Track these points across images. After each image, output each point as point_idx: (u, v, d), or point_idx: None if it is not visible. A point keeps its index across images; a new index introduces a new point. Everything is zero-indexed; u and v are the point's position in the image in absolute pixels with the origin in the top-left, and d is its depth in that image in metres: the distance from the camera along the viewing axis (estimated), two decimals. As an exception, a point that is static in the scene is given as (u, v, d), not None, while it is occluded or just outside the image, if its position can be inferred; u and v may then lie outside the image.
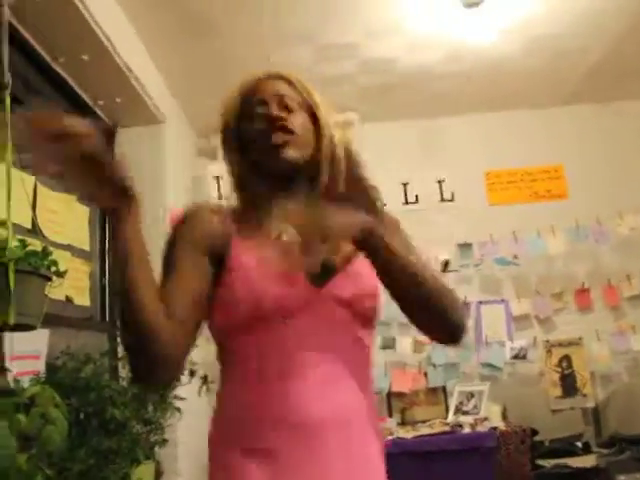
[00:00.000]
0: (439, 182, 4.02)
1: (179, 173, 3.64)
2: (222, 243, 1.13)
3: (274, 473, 1.04)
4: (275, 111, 1.20)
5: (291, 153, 1.17)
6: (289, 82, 1.29)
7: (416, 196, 4.08)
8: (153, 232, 3.53)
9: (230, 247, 1.12)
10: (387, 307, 1.19)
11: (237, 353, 1.14)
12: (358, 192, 1.01)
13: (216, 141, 4.43)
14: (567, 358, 3.88)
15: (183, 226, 1.19)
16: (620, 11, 3.16)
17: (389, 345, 3.88)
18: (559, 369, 3.88)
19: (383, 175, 1.54)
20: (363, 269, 1.09)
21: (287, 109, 1.22)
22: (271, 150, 1.17)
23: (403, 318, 1.11)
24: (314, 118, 1.24)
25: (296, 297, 1.07)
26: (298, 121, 1.21)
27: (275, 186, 1.20)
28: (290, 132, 1.18)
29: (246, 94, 1.28)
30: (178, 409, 2.57)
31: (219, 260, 1.12)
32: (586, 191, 4.11)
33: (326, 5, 2.94)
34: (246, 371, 1.12)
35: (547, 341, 3.94)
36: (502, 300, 3.99)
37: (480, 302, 3.97)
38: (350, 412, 1.10)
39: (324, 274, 1.04)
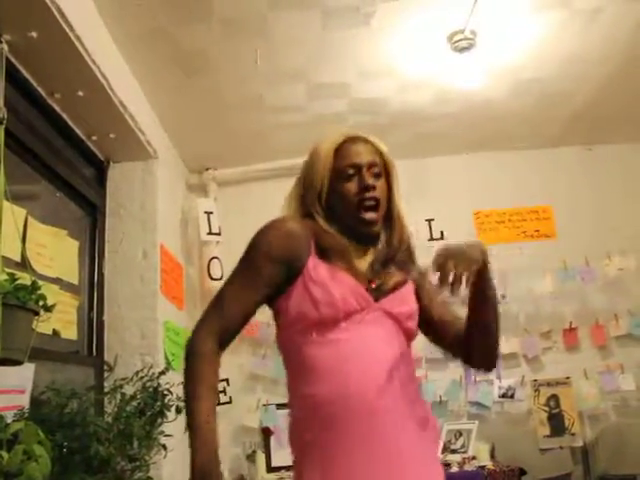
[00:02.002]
0: (428, 221, 4.06)
1: (170, 208, 3.66)
2: (300, 258, 1.37)
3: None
4: (369, 179, 1.43)
5: (376, 228, 1.44)
6: (376, 149, 1.49)
7: (405, 234, 4.09)
8: (144, 265, 3.53)
9: (309, 261, 1.37)
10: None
11: (308, 346, 1.34)
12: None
13: (207, 177, 4.42)
14: (555, 397, 3.88)
15: (278, 238, 1.41)
16: (604, 59, 3.24)
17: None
18: (547, 408, 3.87)
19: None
20: (408, 296, 1.44)
21: (375, 176, 1.44)
22: (360, 221, 1.41)
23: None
24: (388, 184, 1.48)
25: (360, 304, 1.34)
26: (382, 189, 1.45)
27: (350, 234, 1.43)
28: (378, 206, 1.43)
29: (339, 152, 1.47)
30: (164, 446, 2.54)
31: (295, 269, 1.36)
32: (574, 232, 4.16)
33: (319, 45, 3.00)
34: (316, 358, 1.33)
35: (535, 380, 3.94)
36: (490, 339, 3.99)
37: (468, 340, 3.97)
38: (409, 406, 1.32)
39: (380, 291, 1.39)
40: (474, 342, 1.44)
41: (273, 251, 1.38)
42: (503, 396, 3.93)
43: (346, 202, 1.42)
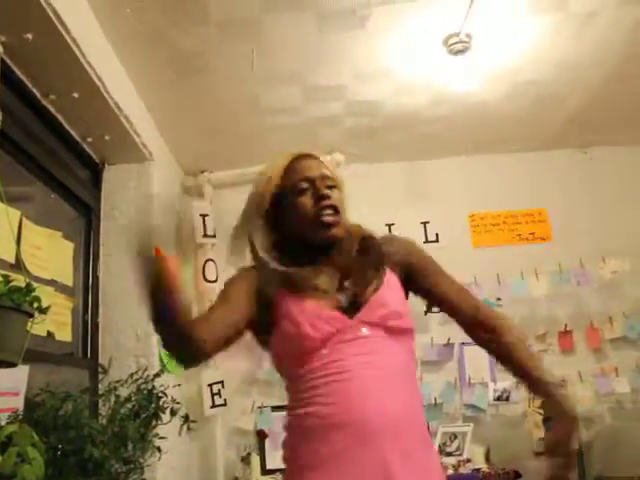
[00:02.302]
0: (423, 224, 4.06)
1: (165, 210, 3.66)
2: (269, 294, 1.40)
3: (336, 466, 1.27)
4: (324, 190, 1.43)
5: (337, 231, 1.42)
6: (325, 165, 1.51)
7: (401, 237, 4.10)
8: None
9: (278, 298, 1.39)
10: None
11: (294, 378, 1.38)
12: None
13: (202, 179, 4.43)
14: (550, 400, 3.88)
15: (242, 275, 1.46)
16: (598, 62, 3.26)
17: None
18: (542, 411, 3.86)
19: (368, 216, 1.57)
20: (388, 295, 1.41)
21: (329, 188, 1.45)
22: (321, 226, 1.41)
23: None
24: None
25: (333, 326, 1.34)
26: (338, 199, 1.45)
27: (309, 252, 1.44)
28: (337, 211, 1.43)
29: (289, 170, 1.48)
30: (158, 448, 2.54)
31: (267, 305, 1.39)
32: (569, 235, 4.17)
33: (315, 48, 3.00)
34: (304, 390, 1.35)
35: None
36: (485, 341, 3.99)
37: (463, 343, 3.97)
38: (397, 416, 1.30)
39: (354, 304, 1.38)
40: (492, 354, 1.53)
41: (238, 283, 1.44)
42: (498, 399, 3.93)
43: (303, 215, 1.43)
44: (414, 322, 1.45)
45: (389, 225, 3.77)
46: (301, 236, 1.45)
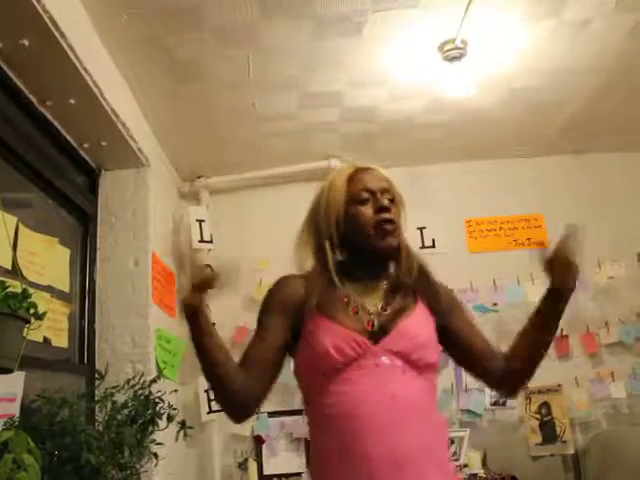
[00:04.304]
0: (420, 229, 4.06)
1: (162, 216, 3.66)
2: (303, 307, 1.42)
3: None
4: (385, 202, 1.46)
5: (393, 241, 1.45)
6: (386, 179, 1.53)
7: (397, 242, 4.10)
8: (136, 273, 3.53)
9: (310, 313, 1.41)
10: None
11: (316, 396, 1.40)
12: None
13: (199, 185, 4.42)
14: (546, 405, 3.89)
15: (274, 293, 1.49)
16: (593, 69, 3.27)
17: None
18: (538, 416, 3.88)
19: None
20: (416, 327, 1.41)
21: (389, 201, 1.48)
22: (378, 234, 1.43)
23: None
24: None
25: (356, 351, 1.35)
26: (397, 214, 1.48)
27: (363, 265, 1.48)
28: (396, 228, 1.46)
29: (351, 180, 1.50)
30: (155, 454, 2.53)
31: (302, 314, 1.42)
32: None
33: (311, 54, 3.01)
34: (321, 413, 1.39)
35: (526, 388, 3.95)
36: (482, 346, 3.99)
37: (460, 348, 3.98)
38: (407, 450, 1.29)
39: (381, 331, 1.38)
40: (517, 365, 1.49)
41: (273, 305, 1.47)
42: (495, 404, 3.93)
43: (363, 224, 1.45)
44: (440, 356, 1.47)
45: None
46: (359, 245, 1.47)
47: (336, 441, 1.32)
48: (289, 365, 1.45)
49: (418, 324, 1.43)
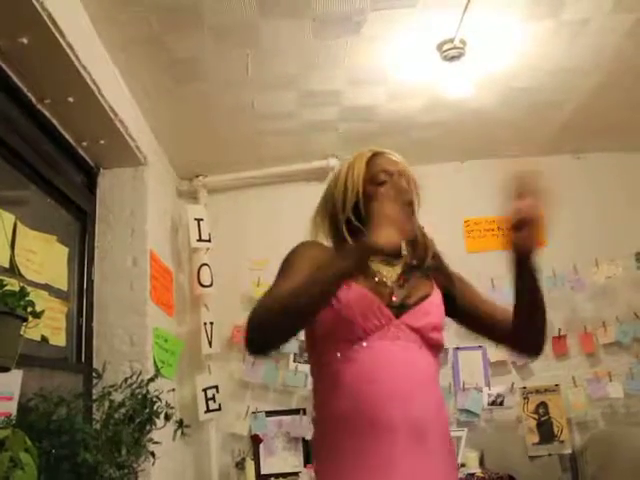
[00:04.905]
0: (418, 228, 4.06)
1: (160, 214, 3.66)
2: None
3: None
4: (404, 183, 1.52)
5: (408, 226, 1.43)
6: (403, 163, 1.58)
7: (396, 241, 4.10)
8: (134, 272, 3.52)
9: None
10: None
11: (333, 361, 1.40)
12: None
13: (197, 184, 4.41)
14: (544, 404, 3.89)
15: (306, 246, 1.50)
16: (591, 69, 3.28)
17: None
18: (536, 415, 3.88)
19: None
20: (433, 307, 1.48)
21: (407, 183, 1.53)
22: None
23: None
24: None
25: (380, 321, 1.39)
26: (413, 197, 1.53)
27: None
28: (412, 208, 1.51)
29: (370, 163, 1.55)
30: (152, 453, 2.53)
31: None
32: (563, 240, 4.17)
33: (310, 53, 3.01)
34: (339, 377, 1.39)
35: (524, 388, 3.95)
36: (479, 346, 4.00)
37: (457, 348, 3.99)
38: (423, 421, 1.33)
39: (403, 306, 1.43)
40: (523, 326, 1.50)
41: (309, 254, 1.45)
42: (492, 403, 3.94)
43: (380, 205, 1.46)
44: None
45: (384, 230, 3.77)
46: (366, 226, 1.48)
47: (354, 405, 1.34)
48: (286, 365, 1.44)
49: (435, 307, 1.49)
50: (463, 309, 1.59)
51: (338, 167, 1.62)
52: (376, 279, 1.46)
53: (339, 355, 1.39)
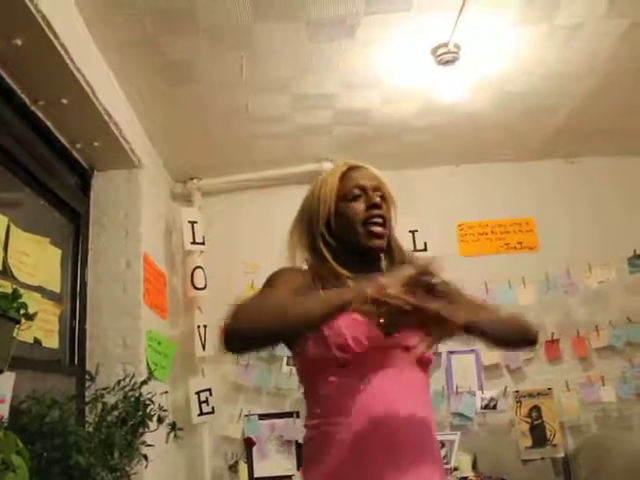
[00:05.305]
0: (412, 232, 4.07)
1: (154, 217, 3.65)
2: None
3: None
4: (377, 199, 1.50)
5: (381, 243, 1.49)
6: (378, 177, 1.57)
7: (389, 245, 4.11)
8: (127, 274, 3.51)
9: None
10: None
11: (320, 385, 1.40)
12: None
13: (191, 186, 4.41)
14: (537, 408, 3.90)
15: (284, 272, 1.49)
16: (585, 73, 3.29)
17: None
18: (529, 419, 3.89)
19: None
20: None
21: (380, 198, 1.51)
22: (368, 235, 1.47)
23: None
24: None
25: (371, 343, 1.37)
26: (387, 212, 1.52)
27: (355, 259, 1.49)
28: (385, 223, 1.50)
29: (344, 177, 1.54)
30: (145, 456, 2.53)
31: None
32: (556, 244, 4.19)
33: (304, 56, 3.01)
34: (326, 401, 1.40)
35: (517, 391, 3.96)
36: (472, 350, 4.00)
37: (451, 352, 3.99)
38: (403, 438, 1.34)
39: (392, 328, 1.40)
40: (505, 346, 1.62)
41: (290, 279, 1.45)
42: (485, 407, 3.94)
43: (353, 220, 1.49)
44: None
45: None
46: (349, 242, 1.50)
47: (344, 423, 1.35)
48: (280, 368, 1.44)
49: None
50: None
51: (314, 181, 1.61)
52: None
53: (327, 375, 1.39)
